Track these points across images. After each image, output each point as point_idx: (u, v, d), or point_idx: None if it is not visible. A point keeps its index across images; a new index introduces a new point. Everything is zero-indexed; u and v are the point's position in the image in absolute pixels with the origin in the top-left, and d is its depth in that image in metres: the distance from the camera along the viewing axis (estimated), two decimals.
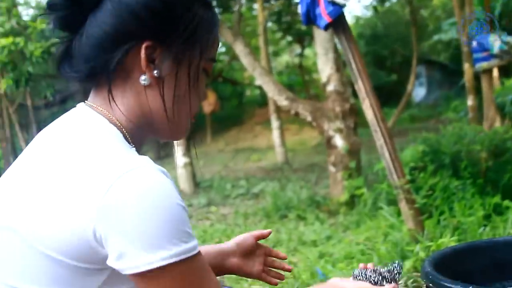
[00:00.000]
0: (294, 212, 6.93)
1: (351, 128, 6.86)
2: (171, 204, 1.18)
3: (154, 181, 1.18)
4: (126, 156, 1.23)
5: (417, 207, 4.53)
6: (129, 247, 1.15)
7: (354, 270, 1.60)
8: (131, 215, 1.14)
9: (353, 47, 4.57)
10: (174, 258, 1.16)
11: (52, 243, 1.20)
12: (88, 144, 1.27)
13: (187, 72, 1.38)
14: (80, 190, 1.18)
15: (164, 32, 1.34)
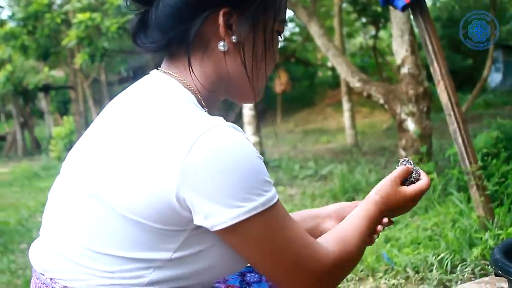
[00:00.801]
0: (362, 195, 6.87)
1: (424, 112, 6.74)
2: (250, 158, 1.22)
3: (232, 138, 1.22)
4: (202, 117, 1.26)
5: (488, 194, 4.42)
6: (215, 205, 1.19)
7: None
8: (214, 173, 1.18)
9: (430, 29, 4.47)
10: (260, 208, 1.21)
11: (135, 207, 1.23)
12: (165, 108, 1.30)
13: (263, 35, 1.40)
14: (160, 153, 1.21)
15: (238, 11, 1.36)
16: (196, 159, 1.18)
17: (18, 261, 5.78)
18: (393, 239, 4.82)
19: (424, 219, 5.31)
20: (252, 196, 1.19)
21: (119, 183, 1.25)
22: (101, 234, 1.29)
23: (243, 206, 1.19)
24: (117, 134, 1.32)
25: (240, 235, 1.22)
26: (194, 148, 1.18)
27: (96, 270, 1.29)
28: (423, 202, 5.94)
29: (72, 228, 1.34)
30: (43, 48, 15.86)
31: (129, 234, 1.26)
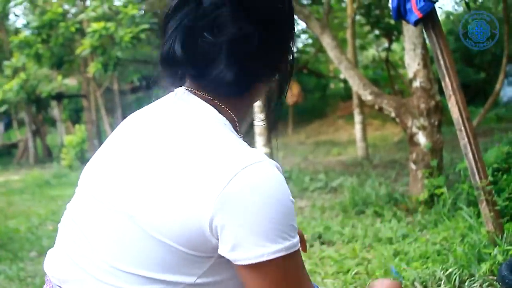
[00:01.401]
0: (371, 208, 6.86)
1: (435, 126, 6.72)
2: (286, 201, 1.23)
3: (273, 176, 1.23)
4: (244, 149, 1.28)
5: (497, 209, 4.42)
6: (244, 238, 1.20)
7: None
8: (251, 207, 1.19)
9: (442, 43, 4.49)
10: (283, 252, 1.21)
11: (167, 229, 1.25)
12: (205, 133, 1.32)
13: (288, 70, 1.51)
14: (200, 180, 1.23)
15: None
16: (236, 190, 1.19)
17: (27, 269, 5.79)
18: (402, 253, 4.82)
19: (433, 233, 5.30)
20: (279, 239, 1.20)
21: (154, 204, 1.27)
22: (127, 252, 1.30)
23: (269, 246, 1.19)
24: (153, 155, 1.33)
25: (258, 274, 1.22)
26: (236, 179, 1.20)
27: (117, 287, 1.31)
28: (433, 216, 5.94)
29: (96, 244, 1.35)
30: (57, 56, 15.95)
31: (156, 255, 1.27)
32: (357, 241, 5.53)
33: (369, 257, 4.97)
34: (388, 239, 5.44)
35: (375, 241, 5.46)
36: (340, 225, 6.30)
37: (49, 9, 14.76)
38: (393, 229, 5.72)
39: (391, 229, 5.74)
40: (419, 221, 5.97)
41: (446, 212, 5.79)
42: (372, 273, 4.38)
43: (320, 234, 5.92)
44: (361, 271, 4.57)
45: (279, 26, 1.40)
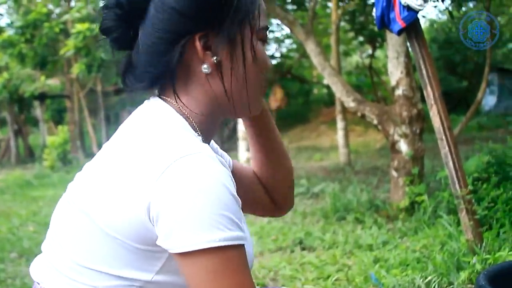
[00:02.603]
0: (352, 214, 6.90)
1: (417, 134, 6.78)
2: (221, 192, 1.22)
3: (208, 168, 1.23)
4: (185, 142, 1.29)
5: (477, 218, 4.46)
6: (177, 227, 1.20)
7: None
8: (182, 197, 1.19)
9: (425, 53, 4.53)
10: (217, 243, 1.19)
11: (116, 225, 1.29)
12: (151, 131, 1.34)
13: (242, 49, 1.39)
14: (137, 174, 1.26)
15: (211, 19, 1.36)
16: (168, 181, 1.21)
17: (7, 270, 5.77)
18: (382, 260, 4.85)
19: (413, 241, 5.35)
20: (212, 229, 1.19)
21: (104, 202, 1.30)
22: (89, 249, 1.34)
23: (200, 235, 1.19)
24: (107, 156, 1.38)
25: (191, 264, 1.22)
26: (169, 170, 1.21)
27: (83, 284, 1.34)
28: (413, 223, 5.98)
29: (64, 243, 1.39)
30: (40, 56, 15.91)
31: (113, 251, 1.31)
32: (337, 247, 5.56)
33: (350, 264, 5.00)
34: (369, 246, 5.47)
35: (356, 248, 5.49)
36: (321, 231, 6.32)
37: (33, 9, 14.74)
38: (373, 236, 5.76)
39: (372, 235, 5.78)
40: (400, 228, 6.01)
41: (426, 219, 5.83)
42: (352, 280, 4.41)
43: (301, 239, 5.95)
44: (341, 277, 4.60)
45: None
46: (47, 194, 11.21)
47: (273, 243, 5.97)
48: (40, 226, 7.97)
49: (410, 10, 4.40)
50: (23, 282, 5.27)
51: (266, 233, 6.43)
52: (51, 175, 14.52)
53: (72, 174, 1.50)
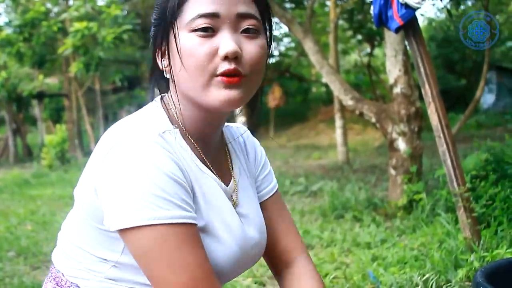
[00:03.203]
0: (350, 212, 6.90)
1: (415, 132, 6.78)
2: (155, 174, 1.27)
3: (144, 151, 1.29)
4: (135, 128, 1.36)
5: (475, 216, 4.47)
6: (112, 205, 1.28)
7: None
8: (117, 177, 1.27)
9: (423, 51, 4.53)
10: (150, 221, 1.25)
11: (84, 207, 1.42)
12: (119, 124, 1.43)
13: (175, 46, 1.39)
14: (93, 156, 1.38)
15: (156, 25, 1.45)
16: (108, 163, 1.29)
17: (5, 269, 5.76)
18: (380, 258, 4.85)
19: (411, 239, 5.34)
20: (144, 208, 1.25)
21: (78, 188, 1.44)
22: (76, 231, 1.49)
23: (134, 214, 1.24)
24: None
25: (131, 242, 1.29)
26: (109, 153, 1.30)
27: (74, 260, 1.50)
28: (412, 221, 5.98)
29: (64, 225, 1.58)
30: (38, 55, 15.90)
31: (89, 233, 1.43)
32: (335, 245, 5.56)
33: (348, 262, 5.00)
34: (367, 244, 5.47)
35: (354, 246, 5.49)
36: (319, 229, 6.32)
37: (31, 8, 14.72)
38: (371, 234, 5.76)
39: (370, 234, 5.78)
40: (398, 227, 6.01)
41: (424, 217, 5.84)
42: (350, 278, 4.41)
43: None
44: (339, 275, 4.59)
45: None
46: (45, 193, 11.18)
47: None
48: (38, 225, 7.96)
49: (408, 8, 4.40)
50: (21, 281, 5.26)
51: None
52: (49, 174, 14.49)
53: (70, 173, 1.56)
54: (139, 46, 19.94)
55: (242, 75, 1.39)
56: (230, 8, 1.39)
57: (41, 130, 22.42)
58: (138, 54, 20.65)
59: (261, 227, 1.65)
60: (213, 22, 1.37)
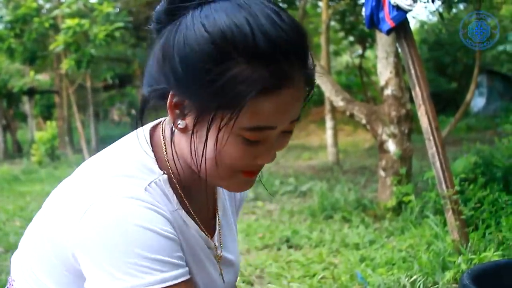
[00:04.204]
0: (339, 213, 6.91)
1: (405, 134, 6.80)
2: (139, 232, 1.17)
3: (119, 210, 1.18)
4: (110, 184, 1.23)
5: (463, 218, 4.48)
6: (97, 272, 1.17)
7: None
8: (97, 242, 1.17)
9: (414, 53, 4.54)
10: (144, 287, 1.15)
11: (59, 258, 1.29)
12: (98, 166, 1.32)
13: (206, 130, 1.22)
14: (66, 212, 1.24)
15: (189, 83, 1.20)
16: (86, 224, 1.18)
17: None
18: (368, 259, 4.86)
19: (400, 240, 5.36)
20: (136, 272, 1.15)
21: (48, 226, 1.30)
22: (40, 264, 1.34)
23: (125, 280, 1.14)
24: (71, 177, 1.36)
25: None
26: (87, 214, 1.19)
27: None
28: (400, 223, 6.00)
29: (23, 250, 1.43)
30: (29, 51, 15.84)
31: (53, 269, 1.31)
32: (324, 246, 5.57)
33: (336, 262, 5.01)
34: (355, 245, 5.48)
35: (342, 246, 5.50)
36: (308, 229, 6.33)
37: (23, 4, 14.66)
38: (360, 235, 5.77)
39: (359, 235, 5.79)
40: (387, 228, 6.03)
41: (413, 219, 5.85)
42: (338, 278, 4.42)
43: (288, 238, 5.96)
44: (327, 275, 4.61)
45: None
46: (34, 189, 11.16)
47: (260, 241, 5.97)
48: (26, 221, 7.92)
49: (400, 10, 4.41)
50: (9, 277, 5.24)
51: (253, 230, 6.43)
52: (39, 171, 14.45)
53: (60, 170, 1.50)
54: (130, 44, 19.93)
55: None
56: (289, 119, 1.27)
57: (31, 126, 22.37)
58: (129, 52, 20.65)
59: (238, 261, 1.61)
60: (265, 133, 1.23)
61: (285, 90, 1.18)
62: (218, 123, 1.19)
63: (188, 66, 1.19)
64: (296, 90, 1.22)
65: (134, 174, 1.28)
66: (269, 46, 1.14)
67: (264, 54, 1.14)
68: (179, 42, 1.20)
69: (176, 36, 1.22)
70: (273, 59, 1.15)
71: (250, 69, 1.15)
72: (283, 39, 1.15)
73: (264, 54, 1.14)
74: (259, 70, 1.15)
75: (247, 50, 1.14)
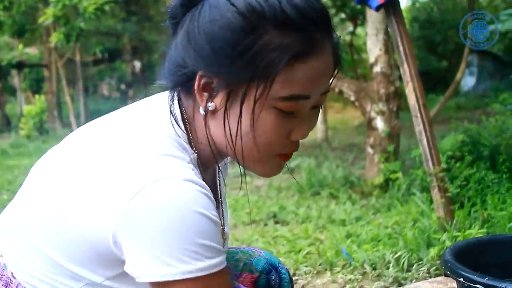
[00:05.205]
0: (327, 190, 6.93)
1: (394, 112, 6.80)
2: (195, 219, 1.15)
3: (178, 194, 1.16)
4: (161, 164, 1.21)
5: (449, 196, 4.50)
6: (146, 256, 1.15)
7: None
8: (151, 225, 1.14)
9: (402, 30, 4.53)
10: (194, 273, 1.15)
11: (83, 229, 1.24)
12: (136, 142, 1.27)
13: (240, 107, 1.23)
14: (108, 191, 1.20)
15: (217, 61, 1.22)
16: (138, 208, 1.15)
17: None
18: (354, 235, 4.88)
19: (386, 217, 5.38)
20: (188, 259, 1.14)
21: (75, 203, 1.25)
22: (51, 237, 1.30)
23: (175, 266, 1.14)
24: (88, 150, 1.31)
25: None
26: (139, 196, 1.15)
27: (35, 264, 1.32)
28: (387, 200, 6.02)
29: (29, 226, 1.35)
30: (18, 24, 15.76)
31: (70, 247, 1.27)
32: (311, 222, 5.59)
33: (322, 238, 5.03)
34: (342, 221, 5.50)
35: (329, 223, 5.52)
36: (295, 205, 6.35)
37: None
38: (347, 211, 5.79)
39: (345, 211, 5.81)
40: (373, 205, 6.05)
41: (400, 197, 5.88)
42: (323, 254, 4.43)
43: (275, 213, 5.97)
44: (313, 251, 4.62)
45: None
46: (22, 163, 11.13)
47: (247, 216, 5.99)
48: (14, 195, 7.91)
49: None
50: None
51: (240, 206, 6.44)
52: (27, 145, 14.42)
53: (49, 144, 1.45)
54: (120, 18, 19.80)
55: None
56: (321, 89, 1.28)
57: (20, 100, 22.29)
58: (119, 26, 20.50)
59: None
60: (300, 103, 1.25)
61: (316, 57, 1.21)
62: (252, 95, 1.21)
63: (216, 42, 1.20)
64: (326, 57, 1.25)
65: (176, 153, 1.27)
66: (297, 14, 1.17)
67: (293, 21, 1.17)
68: (205, 22, 1.23)
69: (201, 17, 1.24)
70: (302, 26, 1.18)
71: (280, 36, 1.18)
72: (310, 8, 1.19)
73: (293, 21, 1.17)
74: (290, 36, 1.18)
75: (276, 19, 1.17)
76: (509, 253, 2.55)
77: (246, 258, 1.79)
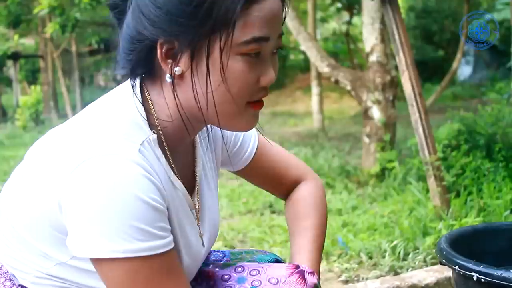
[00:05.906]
0: (323, 179, 6.91)
1: (390, 101, 6.79)
2: (130, 200, 1.17)
3: (117, 172, 1.18)
4: (105, 142, 1.23)
5: (445, 185, 4.51)
6: (84, 232, 1.17)
7: None
8: (86, 200, 1.16)
9: (398, 19, 4.52)
10: (121, 254, 1.16)
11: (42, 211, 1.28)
12: (89, 122, 1.31)
13: (206, 63, 1.25)
14: (56, 165, 1.24)
15: (174, 25, 1.24)
16: (78, 178, 1.18)
17: None
18: (350, 224, 4.88)
19: (382, 206, 5.38)
20: (118, 239, 1.16)
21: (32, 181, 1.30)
22: (21, 218, 1.32)
23: (103, 243, 1.16)
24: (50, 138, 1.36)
25: (102, 272, 1.22)
26: (80, 168, 1.18)
27: (12, 245, 1.37)
28: (383, 189, 6.02)
29: (6, 210, 1.39)
30: (14, 15, 15.70)
31: (40, 228, 1.30)
32: None
33: None
34: (338, 210, 5.50)
35: None
36: None
37: None
38: (343, 200, 5.79)
39: (342, 200, 5.81)
40: (370, 194, 6.05)
41: (396, 186, 5.88)
42: None
43: (271, 203, 5.97)
44: None
45: None
46: (18, 154, 11.09)
47: (243, 206, 5.98)
48: None
49: None
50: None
51: (236, 195, 6.44)
52: (23, 135, 14.40)
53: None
54: None
55: None
56: (277, 30, 1.33)
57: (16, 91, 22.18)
58: None
59: (215, 224, 1.62)
60: (262, 46, 1.28)
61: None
62: (217, 47, 1.24)
63: (169, 4, 1.23)
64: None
65: (128, 132, 1.28)
66: None
67: None
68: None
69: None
70: None
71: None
72: None
73: None
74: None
75: None
76: (504, 241, 2.56)
77: (250, 257, 1.79)
